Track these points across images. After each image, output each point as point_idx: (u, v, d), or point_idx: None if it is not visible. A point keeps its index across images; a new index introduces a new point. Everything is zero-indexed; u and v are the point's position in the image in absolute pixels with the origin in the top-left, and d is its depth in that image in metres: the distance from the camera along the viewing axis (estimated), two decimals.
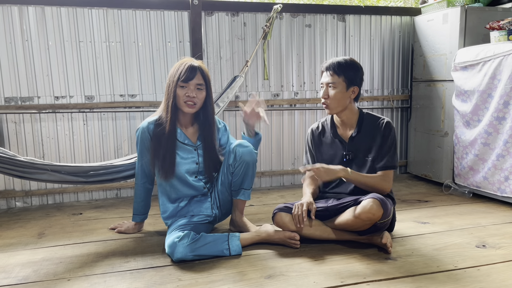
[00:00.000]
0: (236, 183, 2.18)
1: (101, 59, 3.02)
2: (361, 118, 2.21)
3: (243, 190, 2.20)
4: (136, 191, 2.27)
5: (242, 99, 3.31)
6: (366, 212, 1.93)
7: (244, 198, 2.21)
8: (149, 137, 2.13)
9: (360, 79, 2.17)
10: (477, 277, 1.73)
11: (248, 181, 2.19)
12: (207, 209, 2.20)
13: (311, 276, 1.76)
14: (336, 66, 2.12)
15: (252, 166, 2.17)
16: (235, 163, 2.15)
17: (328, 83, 2.14)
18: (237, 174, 2.17)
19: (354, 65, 2.15)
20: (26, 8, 2.84)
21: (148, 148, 2.15)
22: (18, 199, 2.98)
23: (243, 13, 3.26)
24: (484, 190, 2.87)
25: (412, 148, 3.66)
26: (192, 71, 2.07)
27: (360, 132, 2.19)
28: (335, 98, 2.13)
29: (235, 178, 2.17)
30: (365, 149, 2.18)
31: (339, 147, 2.23)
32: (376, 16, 3.56)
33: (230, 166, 2.17)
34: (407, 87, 3.73)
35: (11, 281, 1.77)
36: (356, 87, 2.15)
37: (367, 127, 2.19)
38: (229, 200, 2.26)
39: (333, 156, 2.24)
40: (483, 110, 2.81)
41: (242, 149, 2.14)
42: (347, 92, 2.14)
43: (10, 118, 2.90)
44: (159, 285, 1.71)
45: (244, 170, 2.16)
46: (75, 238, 2.28)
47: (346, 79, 2.12)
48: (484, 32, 3.04)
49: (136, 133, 2.18)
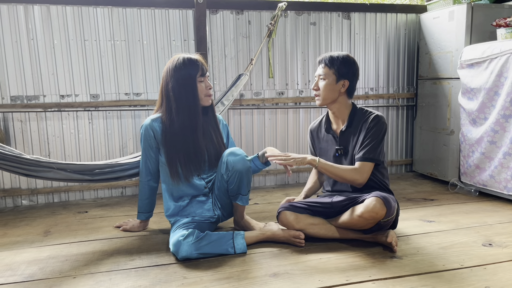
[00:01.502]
0: (232, 190, 2.12)
1: (106, 57, 3.02)
2: (353, 113, 2.20)
3: (241, 196, 2.13)
4: (141, 189, 2.27)
5: (246, 97, 3.31)
6: (369, 211, 1.92)
7: (242, 203, 2.15)
8: (152, 134, 2.13)
9: (353, 73, 2.16)
10: (484, 276, 1.72)
11: (244, 188, 2.11)
12: (209, 210, 2.20)
13: (316, 275, 1.76)
14: (327, 59, 2.16)
15: (246, 173, 2.08)
16: (228, 172, 2.07)
17: (319, 75, 2.18)
18: (232, 182, 2.09)
19: (347, 59, 2.16)
20: (32, 7, 2.85)
21: (151, 146, 2.16)
22: (24, 197, 3.00)
23: (248, 11, 3.25)
24: (490, 188, 2.85)
25: (417, 147, 3.65)
26: (202, 64, 2.11)
27: (351, 126, 2.18)
28: (324, 90, 2.15)
29: (231, 186, 2.10)
30: (354, 143, 2.16)
31: (332, 142, 2.24)
32: (382, 13, 3.54)
33: (223, 175, 2.10)
34: (412, 85, 3.71)
35: (17, 278, 1.78)
36: (347, 81, 2.15)
37: (356, 122, 2.18)
38: (229, 203, 2.22)
39: (328, 151, 2.25)
40: (490, 108, 2.79)
41: (233, 158, 2.06)
42: (337, 85, 2.15)
43: (16, 116, 2.91)
44: (164, 283, 1.71)
45: (239, 178, 2.07)
46: (81, 236, 2.29)
47: (336, 72, 2.13)
48: (491, 30, 3.01)
49: (140, 130, 2.18)
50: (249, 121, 3.36)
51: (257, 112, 3.37)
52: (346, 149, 2.18)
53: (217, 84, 3.24)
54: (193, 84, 2.08)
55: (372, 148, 2.07)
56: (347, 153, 2.18)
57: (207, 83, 2.13)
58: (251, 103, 3.32)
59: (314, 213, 2.13)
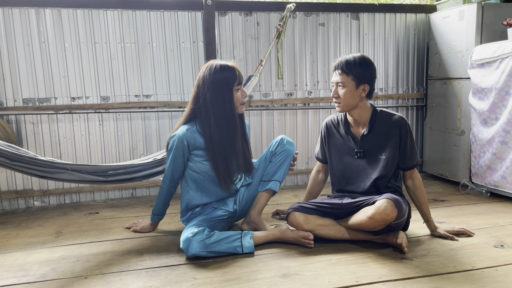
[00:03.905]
0: (269, 172, 2.24)
1: (116, 60, 3.05)
2: (374, 116, 2.17)
3: (275, 181, 2.23)
4: (161, 194, 2.25)
5: (255, 99, 3.32)
6: (380, 213, 1.91)
7: (274, 188, 2.24)
8: (186, 145, 2.08)
9: (371, 76, 2.10)
10: (495, 278, 1.71)
11: (281, 173, 2.25)
12: (230, 203, 2.22)
13: (325, 276, 1.75)
14: (344, 65, 2.07)
15: (290, 158, 2.27)
16: (277, 150, 2.25)
17: (337, 82, 2.11)
18: (275, 162, 2.24)
19: (364, 62, 2.08)
20: (43, 10, 2.89)
21: (182, 156, 2.11)
22: (36, 199, 3.04)
23: (257, 12, 3.26)
24: (502, 189, 2.82)
25: (428, 147, 3.62)
26: (239, 72, 2.10)
27: (373, 130, 2.15)
28: (345, 98, 2.09)
29: (271, 166, 2.24)
30: (378, 147, 2.15)
31: (351, 144, 2.21)
32: (391, 14, 3.52)
33: (272, 153, 2.26)
34: (422, 85, 3.68)
35: (30, 279, 1.81)
36: (367, 85, 2.09)
37: (380, 125, 2.15)
38: (252, 196, 2.27)
39: (345, 152, 2.23)
40: (501, 108, 2.76)
41: (287, 140, 2.28)
42: (357, 91, 2.09)
43: (28, 119, 2.95)
44: (174, 283, 1.73)
45: (283, 159, 2.24)
46: (92, 237, 2.31)
47: (355, 77, 2.07)
48: (501, 29, 2.98)
49: (171, 139, 2.10)
50: (258, 122, 3.36)
51: (266, 113, 3.37)
52: (366, 152, 2.17)
53: None
54: (230, 94, 2.07)
55: (415, 154, 2.18)
56: (368, 156, 2.16)
57: (243, 91, 2.12)
58: (260, 104, 3.32)
59: (324, 214, 2.13)
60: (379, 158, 2.14)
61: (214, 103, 2.05)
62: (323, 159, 2.37)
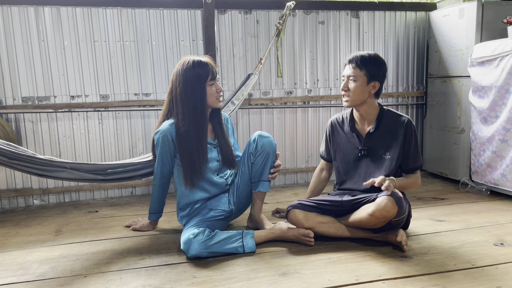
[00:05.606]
0: (256, 174, 2.22)
1: (115, 58, 3.05)
2: (380, 114, 2.18)
3: (262, 182, 2.22)
4: (154, 192, 2.26)
5: (255, 97, 3.31)
6: (381, 210, 1.91)
7: (264, 189, 2.23)
8: (171, 139, 2.10)
9: (383, 75, 2.16)
10: (495, 276, 1.71)
11: (266, 172, 2.22)
12: (225, 204, 2.21)
13: (325, 274, 1.75)
14: (359, 60, 2.11)
15: (272, 156, 2.22)
16: (256, 152, 2.20)
17: (349, 75, 2.14)
18: (257, 164, 2.20)
19: (378, 60, 2.14)
20: (42, 8, 2.88)
21: (169, 151, 2.13)
22: (36, 197, 3.03)
23: (256, 10, 3.25)
24: (502, 187, 2.82)
25: (427, 145, 3.62)
26: (212, 67, 2.10)
27: (379, 128, 2.16)
28: (355, 92, 2.12)
29: (255, 169, 2.21)
30: (383, 146, 2.15)
31: (356, 141, 2.21)
32: (391, 12, 3.52)
33: (251, 155, 2.21)
34: (422, 84, 3.68)
35: (29, 277, 1.81)
36: (377, 83, 2.14)
37: (386, 124, 2.16)
38: (245, 195, 2.27)
39: (349, 149, 2.23)
40: (501, 106, 2.76)
41: (263, 139, 2.21)
42: (367, 87, 2.12)
43: (27, 117, 2.94)
44: (173, 282, 1.72)
45: (265, 160, 2.20)
46: (91, 236, 2.31)
47: (367, 73, 2.11)
48: (502, 27, 2.98)
49: (156, 136, 2.13)
50: (257, 120, 3.36)
51: (265, 111, 3.36)
52: (370, 150, 2.17)
53: (225, 84, 3.25)
54: (202, 89, 2.08)
55: (419, 155, 2.17)
56: (372, 154, 2.17)
57: (218, 86, 2.13)
58: (260, 102, 3.32)
59: (324, 211, 2.13)
60: (383, 157, 2.14)
61: (184, 98, 2.07)
62: (327, 157, 2.38)
